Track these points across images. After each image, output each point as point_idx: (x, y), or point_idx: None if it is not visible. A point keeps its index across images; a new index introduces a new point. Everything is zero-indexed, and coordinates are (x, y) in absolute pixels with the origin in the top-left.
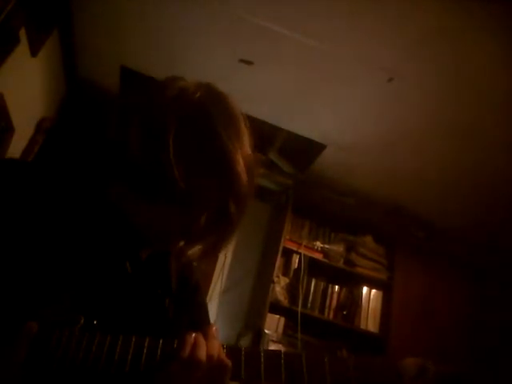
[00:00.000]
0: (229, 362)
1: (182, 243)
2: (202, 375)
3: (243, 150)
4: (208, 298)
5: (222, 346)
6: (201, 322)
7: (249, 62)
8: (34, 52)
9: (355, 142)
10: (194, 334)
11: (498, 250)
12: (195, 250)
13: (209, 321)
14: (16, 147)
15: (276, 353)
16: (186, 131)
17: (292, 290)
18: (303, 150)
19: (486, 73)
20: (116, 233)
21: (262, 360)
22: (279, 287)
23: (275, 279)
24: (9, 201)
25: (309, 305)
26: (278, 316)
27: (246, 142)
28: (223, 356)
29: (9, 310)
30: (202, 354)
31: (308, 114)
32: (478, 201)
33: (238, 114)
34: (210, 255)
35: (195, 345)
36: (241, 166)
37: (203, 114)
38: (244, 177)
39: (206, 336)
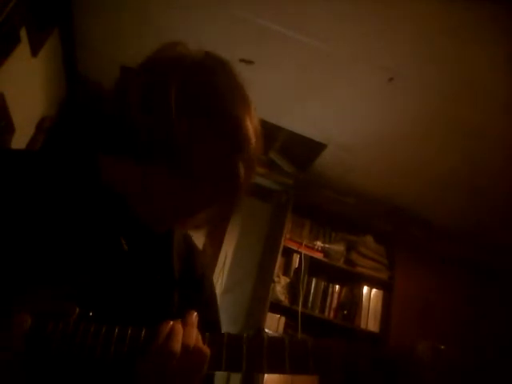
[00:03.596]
0: (207, 350)
1: (185, 220)
2: (177, 365)
3: (250, 113)
4: None
5: (204, 334)
6: (208, 311)
7: (249, 62)
8: (34, 52)
9: (355, 141)
10: (170, 323)
11: (498, 249)
12: (200, 219)
13: (217, 308)
14: (16, 147)
15: (279, 340)
16: (189, 91)
17: (292, 290)
18: (304, 150)
19: (486, 72)
20: (115, 218)
21: (265, 350)
22: (279, 287)
23: (275, 279)
24: (4, 188)
25: (309, 304)
26: (278, 315)
27: (251, 105)
28: (201, 344)
29: (3, 296)
30: (177, 343)
31: (308, 113)
32: (478, 200)
33: (241, 80)
34: (217, 222)
35: (170, 334)
36: (249, 126)
37: (206, 74)
38: (253, 138)
39: (184, 324)
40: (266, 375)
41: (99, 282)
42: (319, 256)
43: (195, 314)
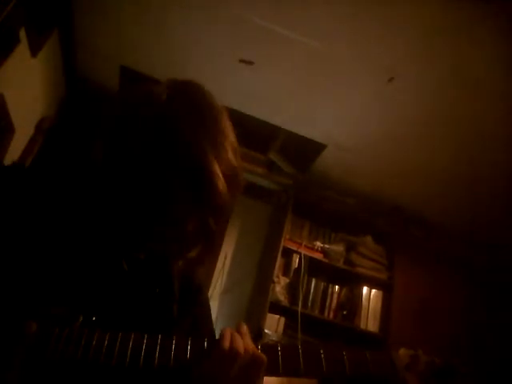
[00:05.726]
0: (264, 357)
1: (176, 249)
2: (241, 367)
3: (221, 156)
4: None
5: (257, 344)
6: (203, 322)
7: (249, 62)
8: (34, 52)
9: (355, 142)
10: (230, 330)
11: (498, 249)
12: (189, 256)
13: (211, 320)
14: (16, 147)
15: (315, 347)
16: (150, 142)
17: (292, 290)
18: (303, 150)
19: (485, 72)
20: (113, 233)
21: (301, 354)
22: (279, 287)
23: (275, 279)
24: (8, 205)
25: (309, 305)
26: (278, 316)
27: (224, 145)
28: (257, 351)
29: (9, 309)
30: (240, 346)
31: (308, 113)
32: (478, 200)
33: (213, 114)
34: (198, 263)
35: (233, 338)
36: (218, 176)
37: (169, 119)
38: (223, 188)
39: (239, 333)
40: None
41: (101, 297)
42: (319, 256)
43: (245, 325)
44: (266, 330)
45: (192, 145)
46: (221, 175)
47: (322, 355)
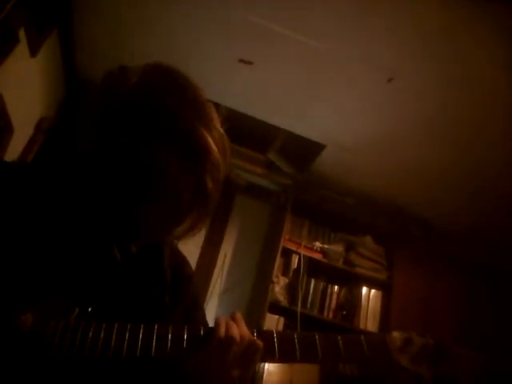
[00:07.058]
0: (260, 343)
1: (169, 230)
2: (237, 353)
3: (205, 121)
4: (208, 298)
5: (252, 331)
6: (194, 311)
7: (249, 62)
8: (33, 52)
9: (355, 142)
10: (225, 318)
11: (497, 249)
12: (180, 229)
13: (202, 310)
14: (15, 147)
15: (310, 332)
16: (134, 114)
17: (291, 290)
18: (303, 150)
19: (486, 72)
20: (106, 227)
21: (296, 340)
22: (278, 287)
23: (274, 279)
24: (3, 198)
25: (308, 305)
26: (277, 316)
27: (205, 112)
28: (253, 337)
29: (4, 302)
30: (236, 333)
31: (308, 113)
32: (478, 201)
33: (187, 86)
34: (193, 232)
35: (228, 326)
36: (207, 138)
37: (144, 99)
38: (215, 150)
39: (234, 320)
40: (265, 373)
41: (95, 288)
42: (318, 256)
43: (239, 313)
44: None
45: (172, 114)
46: (209, 137)
47: (317, 340)
